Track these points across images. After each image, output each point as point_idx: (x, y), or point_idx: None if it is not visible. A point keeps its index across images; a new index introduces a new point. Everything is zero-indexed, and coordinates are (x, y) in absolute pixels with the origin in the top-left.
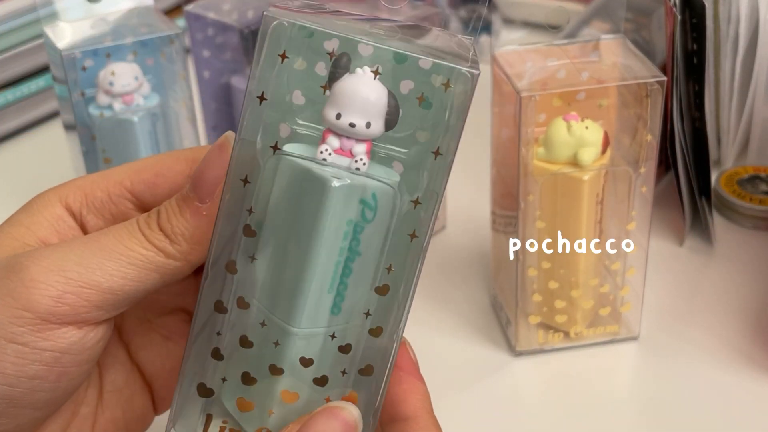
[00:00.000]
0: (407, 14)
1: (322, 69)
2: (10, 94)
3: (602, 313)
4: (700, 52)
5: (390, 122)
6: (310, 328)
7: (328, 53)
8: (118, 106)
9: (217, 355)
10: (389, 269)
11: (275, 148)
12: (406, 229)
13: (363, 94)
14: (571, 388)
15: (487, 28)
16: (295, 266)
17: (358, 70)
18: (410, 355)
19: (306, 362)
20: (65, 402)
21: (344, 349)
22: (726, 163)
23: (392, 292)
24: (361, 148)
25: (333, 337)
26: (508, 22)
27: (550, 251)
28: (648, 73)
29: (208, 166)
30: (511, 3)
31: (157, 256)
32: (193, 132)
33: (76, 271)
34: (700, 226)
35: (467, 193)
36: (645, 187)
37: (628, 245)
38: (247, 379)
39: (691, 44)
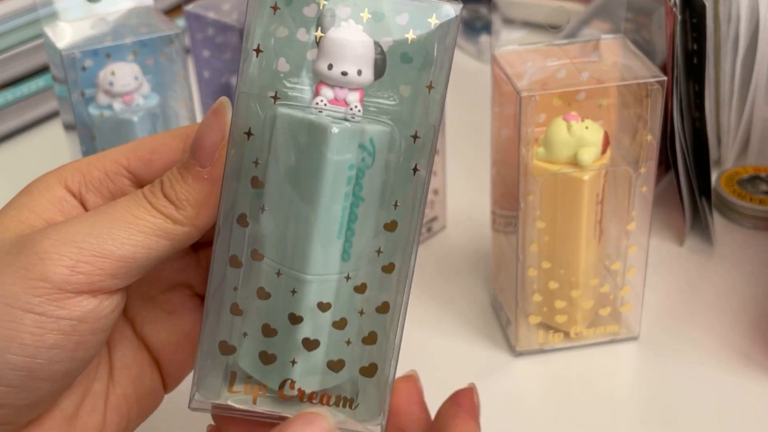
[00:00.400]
0: None
1: (303, 35)
2: (9, 94)
3: (602, 313)
4: (701, 52)
5: (379, 69)
6: (324, 273)
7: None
8: (118, 106)
9: (236, 310)
10: (395, 205)
11: (275, 98)
12: (408, 164)
13: (351, 43)
14: (571, 388)
15: (487, 28)
16: (303, 215)
17: (343, 23)
18: (474, 400)
19: (324, 307)
20: (80, 375)
21: (359, 289)
22: (726, 163)
23: (400, 226)
24: (354, 97)
25: (348, 278)
26: (508, 22)
27: (550, 251)
28: (648, 73)
29: (205, 132)
30: (511, 3)
31: (165, 223)
32: None
33: (88, 241)
34: (700, 226)
35: (467, 193)
36: (645, 187)
37: (627, 245)
38: (268, 330)
39: (692, 44)
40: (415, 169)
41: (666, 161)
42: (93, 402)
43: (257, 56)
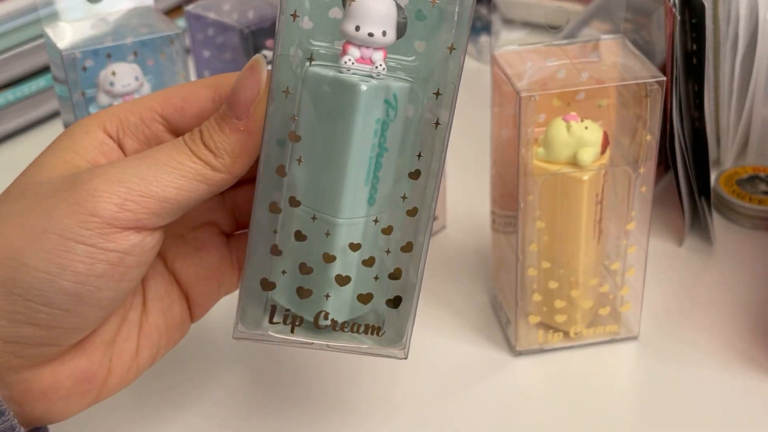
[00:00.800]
0: None
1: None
2: (10, 94)
3: (602, 313)
4: (700, 52)
5: (401, 30)
6: (353, 217)
7: None
8: None
9: (275, 251)
10: (419, 156)
11: (311, 60)
12: (431, 118)
13: (377, 6)
14: (570, 387)
15: (486, 28)
16: (335, 164)
17: None
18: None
19: (354, 247)
20: (122, 303)
21: (386, 231)
22: (725, 163)
23: (423, 175)
24: (379, 55)
25: (376, 221)
26: (508, 22)
27: (550, 251)
28: (647, 74)
29: (241, 87)
30: (510, 3)
31: (204, 169)
32: None
33: (135, 182)
34: (699, 226)
35: (467, 193)
36: (644, 186)
37: (627, 245)
38: (304, 269)
39: (691, 44)
40: (437, 123)
41: (665, 161)
42: (128, 330)
43: (294, 21)
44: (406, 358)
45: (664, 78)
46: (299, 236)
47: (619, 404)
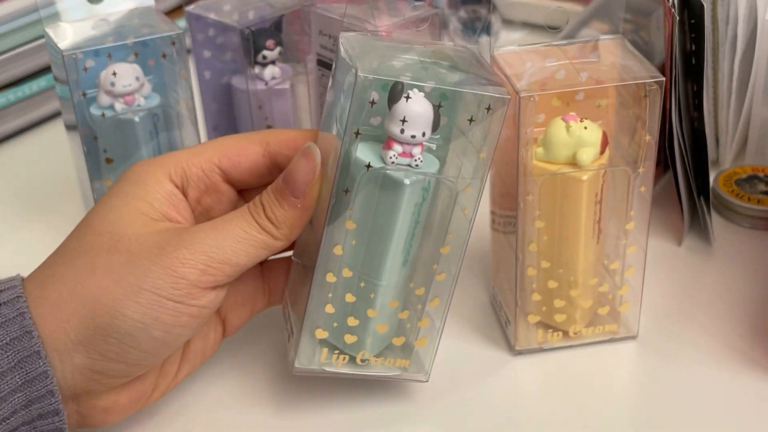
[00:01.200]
0: (407, 15)
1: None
2: (11, 94)
3: (601, 313)
4: (699, 53)
5: (435, 127)
6: (390, 279)
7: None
8: (119, 106)
9: (329, 308)
10: (449, 233)
11: (368, 166)
12: (461, 207)
13: (419, 112)
14: (570, 387)
15: (486, 28)
16: (382, 241)
17: (411, 93)
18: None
19: (392, 303)
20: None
21: (419, 291)
22: (724, 163)
23: (451, 249)
24: (417, 150)
25: (412, 284)
26: (508, 22)
27: (549, 251)
28: (646, 74)
29: (297, 171)
30: (510, 3)
31: (268, 239)
32: (194, 132)
33: (215, 252)
34: (698, 225)
35: None
36: (644, 186)
37: (626, 245)
38: (352, 322)
39: (690, 45)
40: (464, 210)
41: (664, 161)
42: (175, 356)
43: (356, 137)
44: (427, 381)
45: (663, 78)
46: (349, 298)
47: (618, 403)
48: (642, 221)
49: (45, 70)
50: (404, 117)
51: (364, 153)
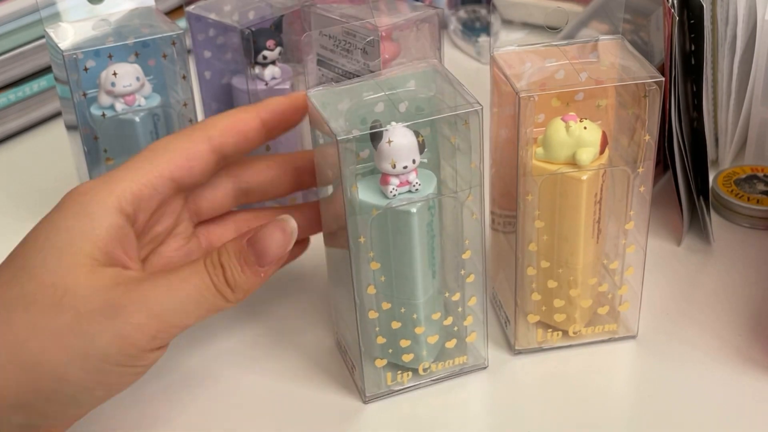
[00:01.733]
0: (407, 15)
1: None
2: (11, 95)
3: (601, 312)
4: (698, 53)
5: (422, 150)
6: (426, 295)
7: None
8: (119, 106)
9: (380, 339)
10: (466, 240)
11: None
12: (470, 213)
13: (404, 144)
14: (569, 386)
15: (486, 29)
16: (407, 267)
17: (389, 128)
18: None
19: (435, 315)
20: None
21: (454, 297)
22: (724, 163)
23: (472, 254)
24: (413, 176)
25: (447, 294)
26: (507, 22)
27: (549, 250)
28: (646, 74)
29: (270, 244)
30: (509, 4)
31: (221, 302)
32: None
33: (168, 316)
34: (698, 225)
35: None
36: (643, 186)
37: (625, 245)
38: (404, 342)
39: (689, 45)
40: (473, 216)
41: (664, 161)
42: None
43: (351, 193)
44: (486, 367)
45: (663, 78)
46: (395, 325)
47: (617, 403)
48: (641, 221)
49: (45, 70)
50: (391, 154)
51: (365, 194)
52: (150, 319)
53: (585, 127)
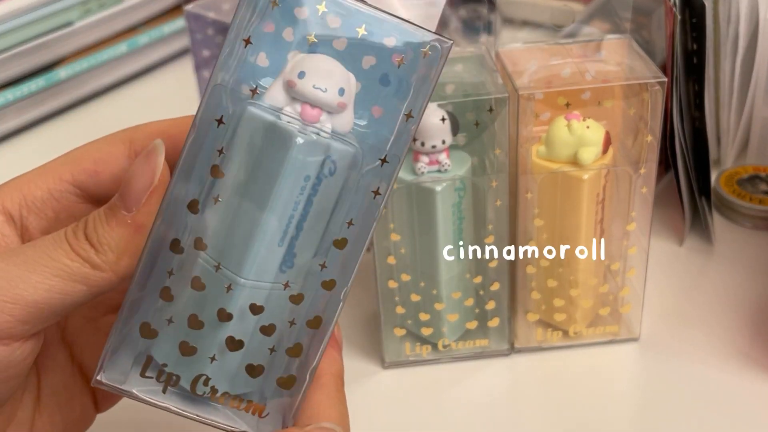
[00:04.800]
0: (407, 14)
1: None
2: (9, 94)
3: (602, 313)
4: (700, 52)
5: (454, 132)
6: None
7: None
8: None
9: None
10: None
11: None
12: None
13: (434, 123)
14: (569, 386)
15: (487, 27)
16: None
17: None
18: (337, 332)
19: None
20: (5, 401)
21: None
22: (726, 163)
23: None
24: (443, 156)
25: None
26: (508, 21)
27: (548, 249)
28: (648, 74)
29: (134, 176)
30: (510, 2)
31: (83, 267)
32: None
33: (30, 295)
34: (700, 225)
35: None
36: (645, 187)
37: (627, 246)
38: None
39: (691, 44)
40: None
41: (666, 161)
42: (16, 429)
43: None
44: (509, 355)
45: (666, 78)
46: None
47: (618, 405)
48: (644, 222)
49: (44, 69)
50: (421, 132)
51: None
52: (7, 303)
53: (588, 126)
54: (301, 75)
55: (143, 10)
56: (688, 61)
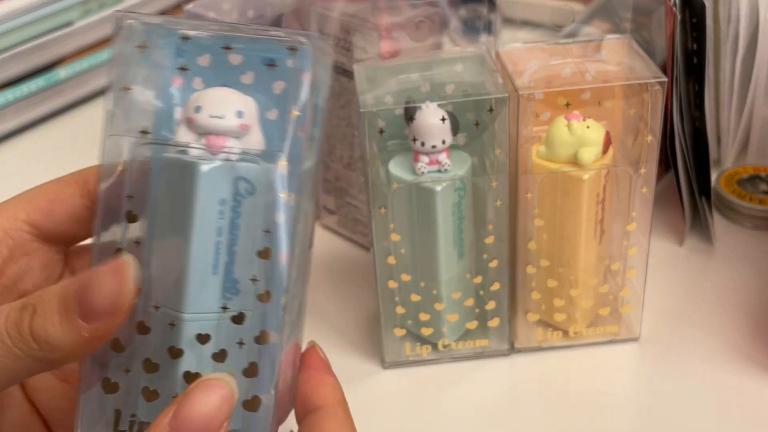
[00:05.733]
0: (407, 14)
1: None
2: (9, 94)
3: (602, 313)
4: (700, 52)
5: (455, 131)
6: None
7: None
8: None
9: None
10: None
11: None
12: (493, 199)
13: (434, 123)
14: (569, 386)
15: (486, 27)
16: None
17: (423, 106)
18: (320, 356)
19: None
20: None
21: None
22: (726, 163)
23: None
24: (443, 156)
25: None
26: (508, 21)
27: (549, 249)
28: (649, 74)
29: (98, 290)
30: (510, 2)
31: (20, 359)
32: None
33: None
34: (700, 225)
35: None
36: (645, 187)
37: (627, 246)
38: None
39: (691, 44)
40: (497, 202)
41: (666, 161)
42: None
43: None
44: (509, 355)
45: (666, 78)
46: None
47: (617, 405)
48: (644, 223)
49: (44, 69)
50: (421, 132)
51: (397, 168)
52: None
53: (588, 126)
54: (198, 109)
55: (144, 10)
56: (688, 60)
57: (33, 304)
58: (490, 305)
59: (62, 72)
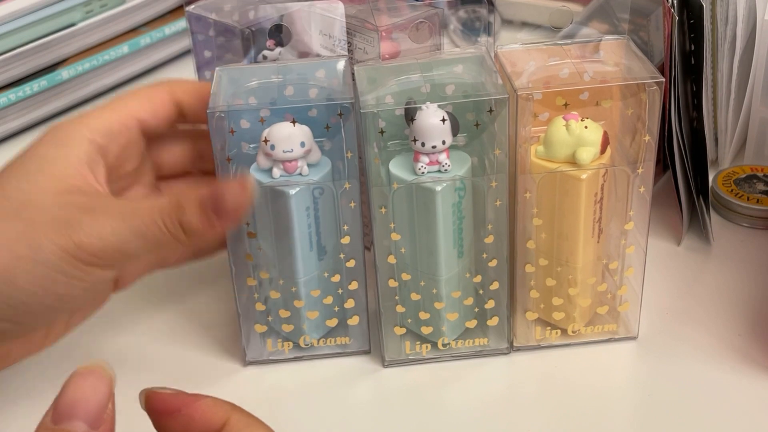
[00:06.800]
0: (407, 15)
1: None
2: (12, 94)
3: (600, 312)
4: (698, 53)
5: (455, 132)
6: (449, 272)
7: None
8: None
9: (400, 308)
10: (489, 225)
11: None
12: (493, 200)
13: (434, 124)
14: (567, 384)
15: (486, 28)
16: (431, 243)
17: (423, 107)
18: (166, 397)
19: (455, 293)
20: None
21: (476, 278)
22: (723, 163)
23: (495, 238)
24: (443, 156)
25: (468, 274)
26: (507, 22)
27: (548, 248)
28: (646, 74)
29: (229, 198)
30: (509, 3)
31: (169, 240)
32: None
33: (113, 240)
34: (697, 225)
35: None
36: (643, 187)
37: (625, 245)
38: (424, 316)
39: (689, 44)
40: (497, 202)
41: (663, 161)
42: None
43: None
44: (509, 354)
45: (663, 79)
46: (415, 296)
47: (616, 403)
48: (641, 222)
49: (47, 70)
50: (421, 133)
51: (397, 168)
52: (93, 240)
53: (586, 127)
54: (272, 147)
55: (145, 11)
56: (686, 61)
57: (182, 204)
58: (490, 304)
59: (65, 72)
